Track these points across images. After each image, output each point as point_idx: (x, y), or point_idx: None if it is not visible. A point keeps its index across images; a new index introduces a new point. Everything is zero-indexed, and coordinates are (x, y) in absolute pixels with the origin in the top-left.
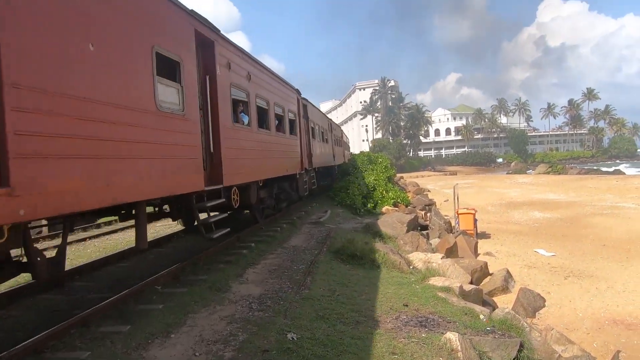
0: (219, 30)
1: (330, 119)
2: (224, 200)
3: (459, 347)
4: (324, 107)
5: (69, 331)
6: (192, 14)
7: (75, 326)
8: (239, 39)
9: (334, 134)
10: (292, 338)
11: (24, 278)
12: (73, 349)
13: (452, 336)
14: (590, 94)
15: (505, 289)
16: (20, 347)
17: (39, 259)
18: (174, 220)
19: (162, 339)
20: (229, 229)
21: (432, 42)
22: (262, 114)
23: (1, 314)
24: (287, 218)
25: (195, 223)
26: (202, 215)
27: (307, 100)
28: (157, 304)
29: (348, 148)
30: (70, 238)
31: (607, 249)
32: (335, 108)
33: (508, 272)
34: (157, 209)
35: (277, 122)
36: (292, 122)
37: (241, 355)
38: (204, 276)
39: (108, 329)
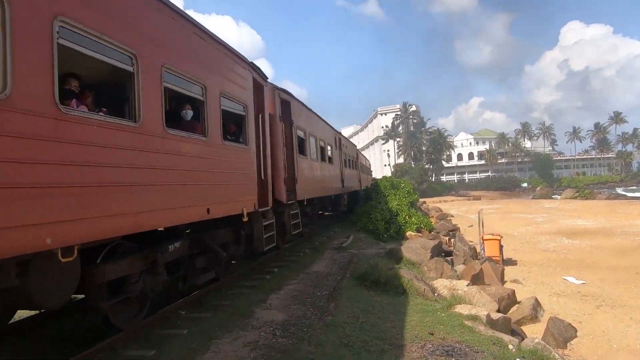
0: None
1: (358, 150)
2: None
3: None
4: (345, 131)
5: (95, 355)
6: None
7: (103, 350)
8: (263, 65)
9: (359, 161)
10: None
11: None
12: None
13: None
14: (617, 117)
15: (534, 318)
16: None
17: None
18: None
19: None
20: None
21: (454, 66)
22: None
23: (30, 335)
24: (310, 243)
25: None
26: None
27: (340, 134)
28: (181, 329)
29: (370, 173)
30: None
31: None
32: (357, 133)
33: (537, 300)
34: None
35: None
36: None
37: None
38: (228, 301)
39: (133, 353)
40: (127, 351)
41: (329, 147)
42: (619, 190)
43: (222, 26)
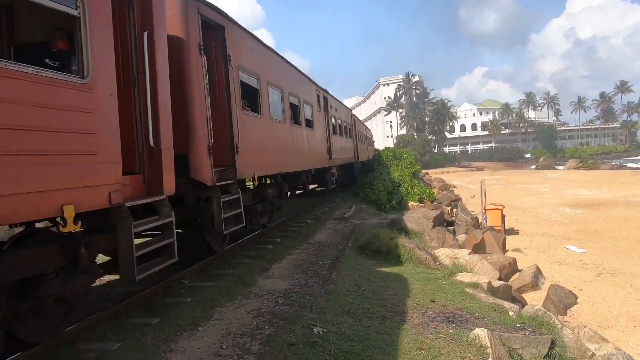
0: None
1: (355, 115)
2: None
3: (488, 344)
4: (348, 103)
5: (100, 323)
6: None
7: (107, 318)
8: (263, 35)
9: (356, 129)
10: (319, 332)
11: None
12: (104, 340)
13: (481, 332)
14: (623, 87)
15: (535, 285)
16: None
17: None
18: None
19: (190, 332)
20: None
21: (458, 35)
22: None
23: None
24: (312, 214)
25: None
26: None
27: (328, 92)
28: (185, 297)
29: (372, 144)
30: None
31: None
32: (359, 104)
33: (538, 268)
34: None
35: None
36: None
37: (268, 348)
38: (230, 270)
39: (138, 321)
40: (131, 319)
41: (307, 107)
42: (622, 162)
43: None
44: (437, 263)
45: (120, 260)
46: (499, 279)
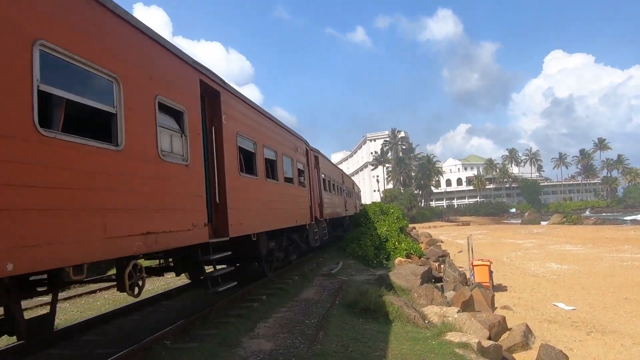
0: None
1: (342, 170)
2: (229, 253)
3: None
4: (335, 157)
5: None
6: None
7: None
8: (251, 91)
9: (345, 185)
10: None
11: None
12: None
13: None
14: (601, 144)
15: (525, 345)
16: None
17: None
18: (177, 275)
19: None
20: (235, 282)
21: (442, 94)
22: (271, 164)
23: None
24: (299, 270)
25: (202, 277)
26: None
27: (318, 151)
28: None
29: (359, 198)
30: (80, 290)
31: (629, 302)
32: (346, 159)
33: (527, 327)
34: (161, 262)
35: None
36: (300, 172)
37: None
38: (214, 330)
39: None
40: None
41: (340, 184)
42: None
43: (211, 53)
44: (426, 321)
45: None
46: (489, 338)
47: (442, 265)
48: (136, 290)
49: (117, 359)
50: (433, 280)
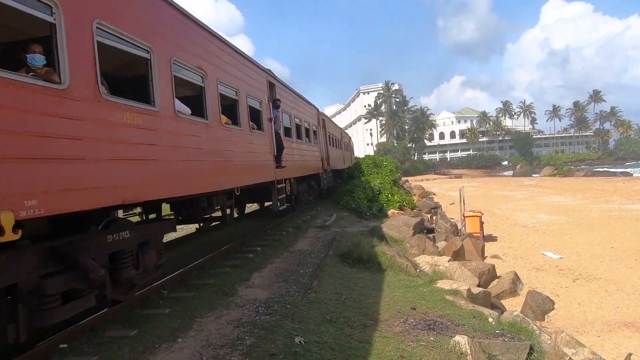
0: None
1: (341, 128)
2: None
3: (469, 351)
4: (328, 111)
5: (76, 336)
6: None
7: (83, 331)
8: (242, 42)
9: (343, 141)
10: (300, 342)
11: None
12: (80, 353)
13: (461, 339)
14: (596, 96)
15: (513, 291)
16: (26, 354)
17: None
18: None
19: (169, 344)
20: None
21: (437, 44)
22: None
23: None
24: (293, 222)
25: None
26: None
27: (325, 115)
28: (163, 309)
29: (353, 152)
30: None
31: (615, 250)
32: (339, 112)
33: (516, 274)
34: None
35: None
36: (315, 132)
37: (248, 359)
38: (210, 280)
39: (115, 334)
40: (108, 332)
41: (339, 140)
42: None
43: (198, 2)
44: (418, 270)
45: (273, 200)
46: (479, 285)
47: (434, 217)
48: None
49: (116, 309)
50: (425, 231)
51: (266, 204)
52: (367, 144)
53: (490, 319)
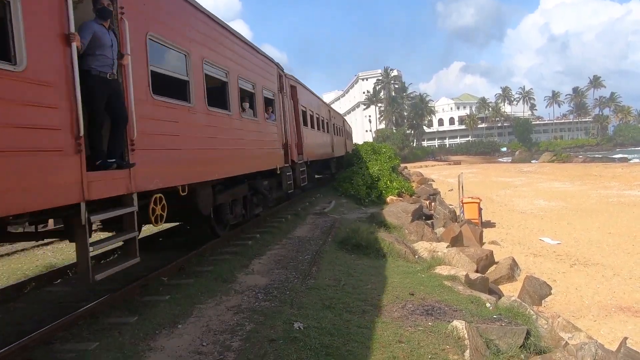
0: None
1: (329, 106)
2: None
3: (466, 335)
4: (327, 97)
5: (76, 323)
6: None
7: (83, 318)
8: (240, 27)
9: (333, 123)
10: (299, 327)
11: (32, 271)
12: (81, 339)
13: (458, 324)
14: (595, 82)
15: (511, 277)
16: (27, 338)
17: None
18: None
19: (169, 330)
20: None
21: (436, 30)
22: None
23: (8, 307)
24: (291, 209)
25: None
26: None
27: (297, 80)
28: (163, 295)
29: (351, 138)
30: None
31: (612, 236)
32: (338, 99)
33: (514, 260)
34: None
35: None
36: (269, 101)
37: (248, 344)
38: (210, 267)
39: (115, 320)
40: (108, 318)
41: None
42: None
43: None
44: (416, 256)
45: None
46: (476, 271)
47: (432, 203)
48: None
49: (117, 296)
50: (424, 217)
51: None
52: (366, 131)
53: (488, 304)
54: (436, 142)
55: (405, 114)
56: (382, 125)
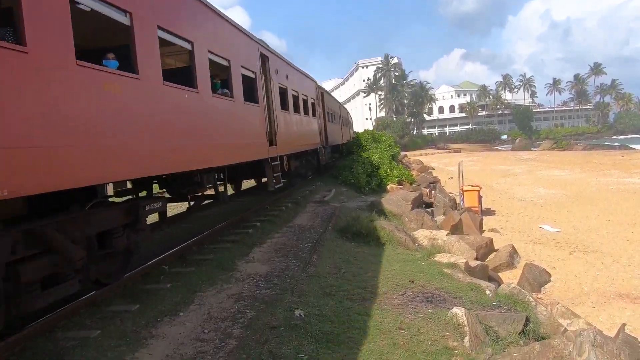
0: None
1: (339, 102)
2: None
3: (466, 322)
4: (326, 85)
5: (78, 311)
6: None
7: (85, 306)
8: (238, 14)
9: (341, 116)
10: (300, 315)
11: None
12: (83, 327)
13: (458, 311)
14: (596, 69)
15: (510, 264)
16: (30, 326)
17: None
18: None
19: (170, 317)
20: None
21: (437, 17)
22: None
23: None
24: (292, 197)
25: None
26: None
27: (323, 88)
28: (165, 283)
29: (352, 127)
30: None
31: (612, 224)
32: (338, 86)
33: (513, 248)
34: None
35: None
36: (313, 105)
37: (249, 332)
38: (211, 255)
39: (117, 308)
40: (110, 306)
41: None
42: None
43: None
44: (416, 244)
45: (268, 178)
46: (476, 259)
47: (432, 191)
48: None
49: (117, 285)
50: (424, 205)
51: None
52: (366, 119)
53: (487, 292)
54: (436, 130)
55: (405, 101)
56: (382, 114)
